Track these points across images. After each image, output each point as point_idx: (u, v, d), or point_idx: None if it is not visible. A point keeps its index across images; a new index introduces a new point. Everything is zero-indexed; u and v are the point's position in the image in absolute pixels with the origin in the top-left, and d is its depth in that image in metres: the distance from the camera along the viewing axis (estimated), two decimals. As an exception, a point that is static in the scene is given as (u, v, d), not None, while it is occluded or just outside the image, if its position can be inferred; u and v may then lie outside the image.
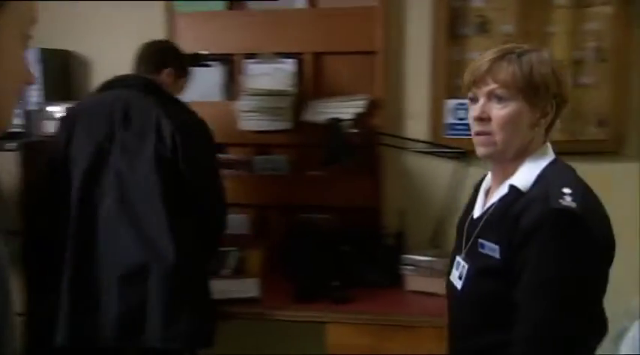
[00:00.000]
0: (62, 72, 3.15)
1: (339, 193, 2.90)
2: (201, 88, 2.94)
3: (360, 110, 2.78)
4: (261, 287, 2.55)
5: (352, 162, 2.74)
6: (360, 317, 2.29)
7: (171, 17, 2.95)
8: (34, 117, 2.88)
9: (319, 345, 2.36)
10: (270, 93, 2.84)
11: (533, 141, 1.45)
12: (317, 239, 2.76)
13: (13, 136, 2.79)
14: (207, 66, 2.93)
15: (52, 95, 2.96)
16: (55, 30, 3.10)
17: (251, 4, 2.93)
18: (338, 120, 2.73)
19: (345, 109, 2.79)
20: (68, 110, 2.52)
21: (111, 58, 3.04)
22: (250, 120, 2.87)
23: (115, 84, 2.40)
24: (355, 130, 2.75)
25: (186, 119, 2.35)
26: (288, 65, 2.90)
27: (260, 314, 2.39)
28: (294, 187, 2.94)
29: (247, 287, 2.55)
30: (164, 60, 2.49)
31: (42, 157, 2.42)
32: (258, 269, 2.76)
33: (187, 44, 2.90)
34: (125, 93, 2.33)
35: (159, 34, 2.91)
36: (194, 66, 2.90)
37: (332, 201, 2.91)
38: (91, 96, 2.52)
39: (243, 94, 2.88)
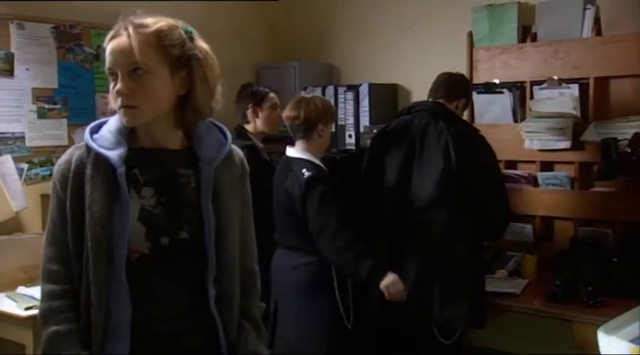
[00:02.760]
0: (390, 101, 3.94)
1: (622, 208, 3.04)
2: (494, 112, 3.40)
3: (637, 130, 2.90)
4: (528, 286, 2.92)
5: (627, 179, 2.90)
6: (602, 319, 2.48)
7: (471, 51, 3.48)
8: (363, 136, 3.72)
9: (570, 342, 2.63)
10: (552, 116, 3.15)
11: None
12: (589, 248, 2.96)
13: (347, 151, 3.67)
14: (499, 93, 3.37)
15: (381, 120, 3.72)
16: (384, 67, 3.93)
17: (540, 37, 3.28)
18: (615, 140, 2.91)
19: (623, 129, 2.94)
20: (380, 130, 3.15)
21: (425, 88, 3.70)
22: (534, 139, 3.21)
23: (415, 108, 2.99)
24: (631, 149, 2.88)
25: (471, 140, 2.82)
26: (573, 90, 3.17)
27: (513, 307, 2.79)
28: (576, 201, 3.17)
29: (514, 285, 2.94)
30: (462, 91, 3.02)
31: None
32: (532, 272, 3.10)
33: (484, 73, 3.43)
34: (423, 117, 2.88)
35: (462, 65, 3.47)
36: (488, 93, 3.39)
37: (614, 216, 3.07)
38: (398, 118, 3.08)
39: (528, 117, 3.25)
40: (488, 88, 3.39)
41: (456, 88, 3.01)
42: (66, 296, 1.46)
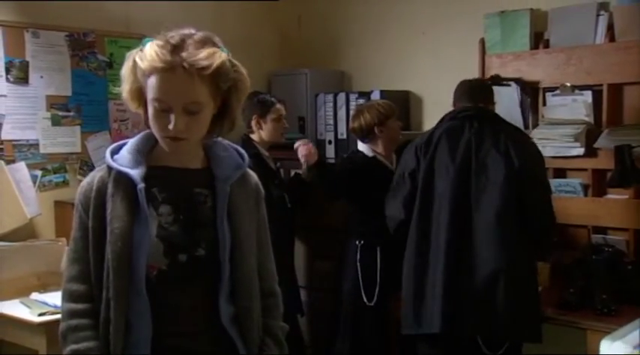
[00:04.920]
0: (402, 108, 3.93)
1: (636, 215, 3.01)
2: (501, 106, 3.19)
3: (652, 137, 2.88)
4: (541, 293, 2.88)
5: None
6: (616, 327, 2.45)
7: (483, 57, 3.48)
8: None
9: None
10: (565, 123, 3.14)
11: None
12: (603, 256, 2.94)
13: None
14: (506, 85, 3.32)
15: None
16: (396, 74, 3.93)
17: (553, 43, 3.27)
18: (629, 146, 2.89)
19: (637, 136, 2.92)
20: (421, 138, 2.90)
21: (437, 95, 3.72)
22: (547, 146, 3.19)
23: (461, 113, 2.84)
24: (645, 156, 2.86)
25: (528, 146, 2.78)
26: (586, 96, 3.15)
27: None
28: (590, 208, 3.15)
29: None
30: (492, 95, 2.99)
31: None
32: (546, 279, 3.08)
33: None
34: (474, 121, 2.75)
35: (474, 72, 3.46)
36: (495, 85, 3.29)
37: (629, 223, 3.05)
38: (444, 124, 2.83)
39: (541, 123, 3.24)
40: (495, 81, 3.32)
41: (488, 93, 2.98)
42: (86, 315, 1.48)
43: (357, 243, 3.23)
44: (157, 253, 1.46)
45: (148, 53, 1.43)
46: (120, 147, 1.56)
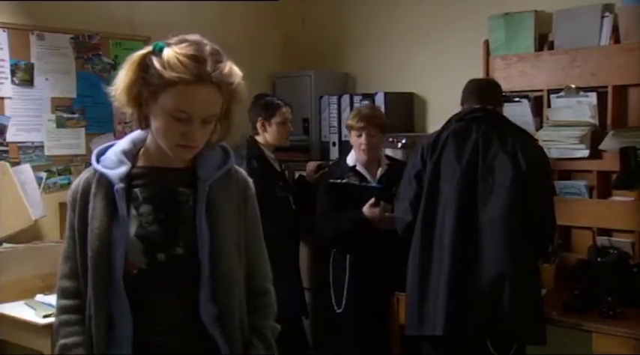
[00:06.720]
0: (406, 110, 3.94)
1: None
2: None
3: (657, 139, 2.88)
4: (546, 296, 2.89)
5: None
6: (622, 330, 2.46)
7: (487, 59, 3.47)
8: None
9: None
10: (569, 124, 3.13)
11: None
12: (609, 258, 2.93)
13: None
14: (517, 102, 3.33)
15: (397, 129, 3.68)
16: (400, 76, 3.93)
17: (557, 45, 3.26)
18: (634, 148, 2.89)
19: (643, 138, 2.92)
20: (428, 139, 2.87)
21: (441, 96, 3.72)
22: (552, 148, 3.18)
23: (469, 115, 2.78)
24: (651, 158, 2.85)
25: (535, 148, 2.77)
26: (590, 98, 3.15)
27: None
28: (595, 210, 3.14)
29: (532, 295, 2.91)
30: (501, 96, 2.96)
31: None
32: (551, 282, 3.07)
33: (500, 81, 3.35)
34: (482, 123, 2.73)
35: (478, 73, 3.46)
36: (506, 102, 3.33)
37: (634, 225, 3.03)
38: (451, 126, 2.80)
39: (545, 125, 3.23)
40: (505, 99, 3.32)
41: (498, 94, 2.94)
42: (76, 311, 1.52)
43: (332, 250, 3.34)
44: (136, 252, 1.48)
45: (173, 62, 1.40)
46: (107, 149, 1.59)
